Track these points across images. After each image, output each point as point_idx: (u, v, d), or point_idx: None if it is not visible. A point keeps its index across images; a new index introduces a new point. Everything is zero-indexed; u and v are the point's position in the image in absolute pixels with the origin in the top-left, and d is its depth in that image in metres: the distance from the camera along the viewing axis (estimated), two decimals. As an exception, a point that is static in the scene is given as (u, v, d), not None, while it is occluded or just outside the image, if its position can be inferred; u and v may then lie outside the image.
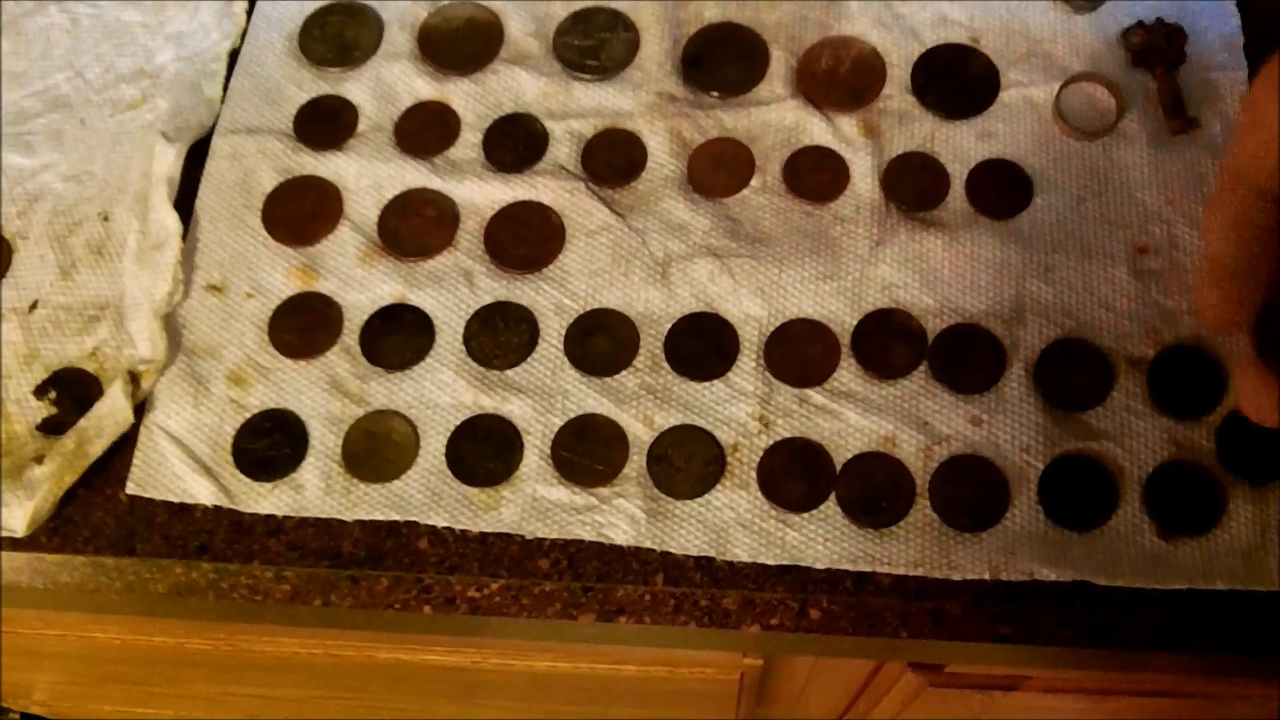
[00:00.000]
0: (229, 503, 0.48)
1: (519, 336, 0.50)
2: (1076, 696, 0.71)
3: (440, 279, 0.51)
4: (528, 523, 0.47)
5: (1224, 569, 0.45)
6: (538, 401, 0.49)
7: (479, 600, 0.47)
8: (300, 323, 0.50)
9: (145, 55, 0.56)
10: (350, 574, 0.47)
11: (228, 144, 0.54)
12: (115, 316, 0.50)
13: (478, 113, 0.54)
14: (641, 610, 0.47)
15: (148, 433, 0.49)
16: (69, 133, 0.54)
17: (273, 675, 0.82)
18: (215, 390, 0.49)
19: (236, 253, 0.52)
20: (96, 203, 0.53)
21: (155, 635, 0.71)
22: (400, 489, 0.48)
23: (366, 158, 0.53)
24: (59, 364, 0.50)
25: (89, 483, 0.49)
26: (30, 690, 0.96)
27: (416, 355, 0.50)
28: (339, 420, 0.49)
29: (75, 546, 0.48)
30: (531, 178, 0.52)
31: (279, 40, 0.56)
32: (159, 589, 0.48)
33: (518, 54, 0.55)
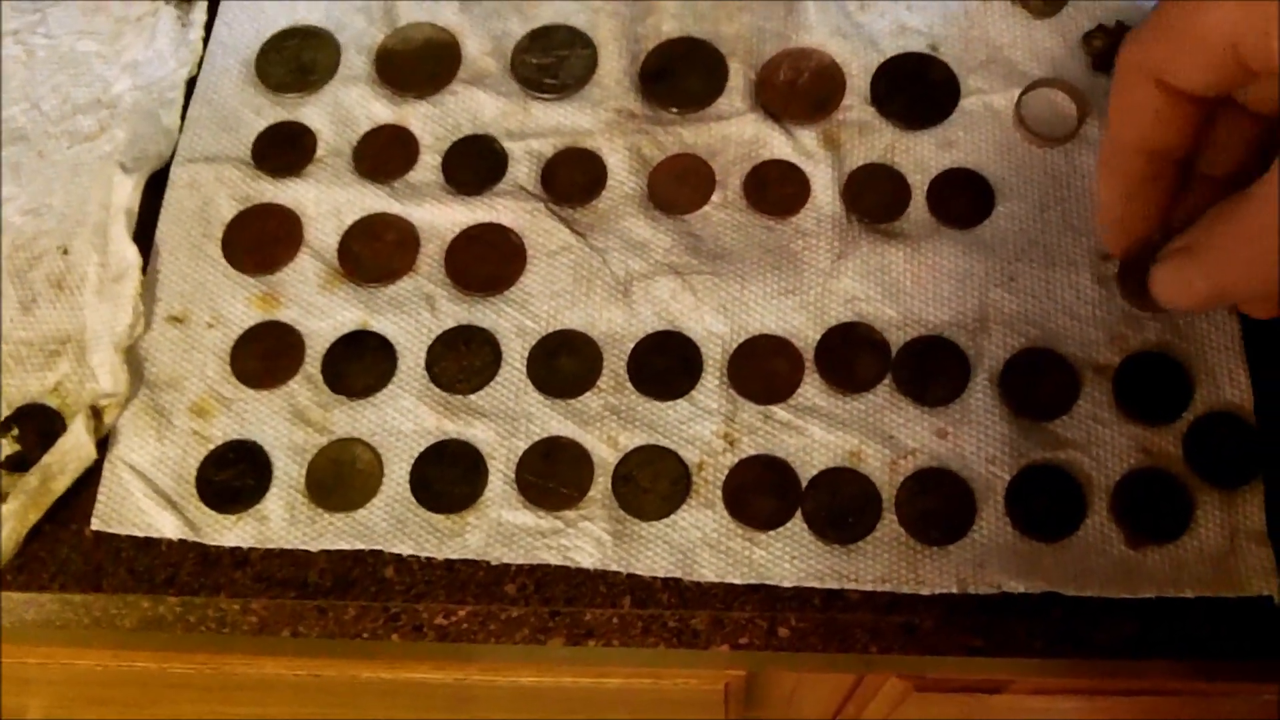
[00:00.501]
0: (194, 536, 0.48)
1: (482, 360, 0.50)
2: (1064, 697, 0.71)
3: (402, 304, 0.51)
4: (493, 548, 0.47)
5: (1194, 576, 0.45)
6: (501, 425, 0.48)
7: (447, 627, 0.47)
8: (262, 351, 0.50)
9: (102, 85, 0.55)
10: (317, 604, 0.47)
11: (186, 173, 0.53)
12: (77, 350, 0.50)
13: (436, 134, 0.54)
14: (610, 633, 0.47)
15: (111, 467, 0.49)
16: (27, 165, 0.54)
17: (262, 695, 0.82)
18: (178, 422, 0.49)
19: (197, 282, 0.52)
20: (56, 236, 0.52)
21: (136, 661, 0.71)
22: (365, 517, 0.47)
23: (326, 183, 0.53)
24: (21, 400, 0.50)
25: (54, 518, 0.48)
26: (23, 713, 0.96)
27: (379, 382, 0.49)
28: (302, 449, 0.49)
29: (41, 583, 0.48)
30: (491, 199, 0.52)
31: (236, 66, 0.56)
32: (126, 624, 0.48)
33: (476, 74, 0.55)
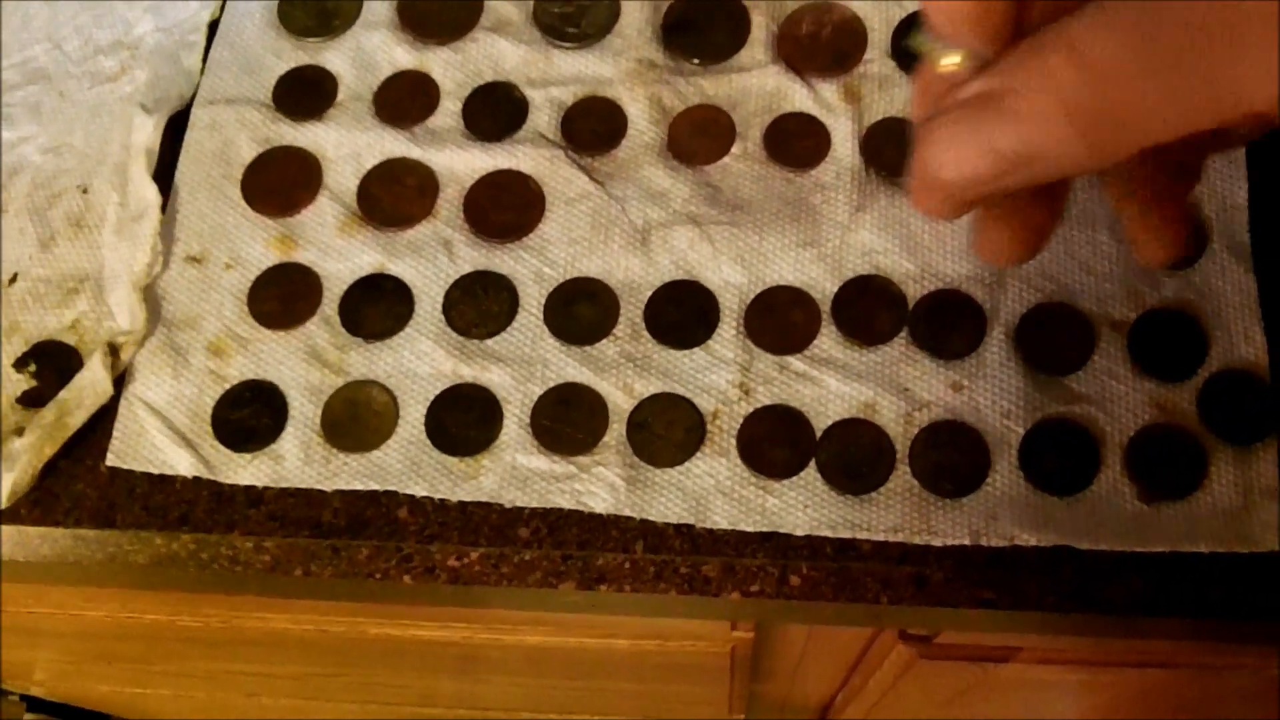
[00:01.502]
0: (209, 473, 0.48)
1: (499, 305, 0.50)
2: (1070, 668, 0.71)
3: (420, 248, 0.51)
4: (507, 491, 0.47)
5: (1207, 531, 0.45)
6: (517, 370, 0.48)
7: (459, 569, 0.47)
8: (280, 293, 0.50)
9: (124, 26, 0.55)
10: (330, 543, 0.47)
11: (207, 114, 0.53)
12: (95, 289, 0.50)
13: (457, 81, 0.54)
14: (622, 578, 0.47)
15: (127, 404, 0.49)
16: (48, 105, 0.54)
17: (270, 652, 0.82)
18: (195, 361, 0.49)
19: (216, 224, 0.52)
20: (76, 175, 0.52)
21: (146, 613, 0.72)
22: (380, 458, 0.48)
23: (346, 127, 0.53)
24: (39, 336, 0.50)
25: (69, 455, 0.49)
26: (30, 671, 0.97)
27: (396, 325, 0.50)
28: (318, 390, 0.49)
29: (56, 518, 0.48)
30: (511, 146, 0.52)
31: (258, 10, 0.56)
32: (140, 560, 0.48)
33: (498, 21, 0.55)
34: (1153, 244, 0.31)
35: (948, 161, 0.25)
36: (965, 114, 0.25)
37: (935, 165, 0.26)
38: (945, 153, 0.25)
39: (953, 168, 0.25)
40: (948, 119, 0.25)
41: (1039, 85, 0.24)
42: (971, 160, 0.25)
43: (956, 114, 0.25)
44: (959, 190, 0.26)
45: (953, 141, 0.25)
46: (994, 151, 0.25)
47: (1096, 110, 0.23)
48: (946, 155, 0.25)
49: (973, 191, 0.26)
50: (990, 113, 0.25)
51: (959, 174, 0.25)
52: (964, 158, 0.25)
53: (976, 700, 0.80)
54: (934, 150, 0.26)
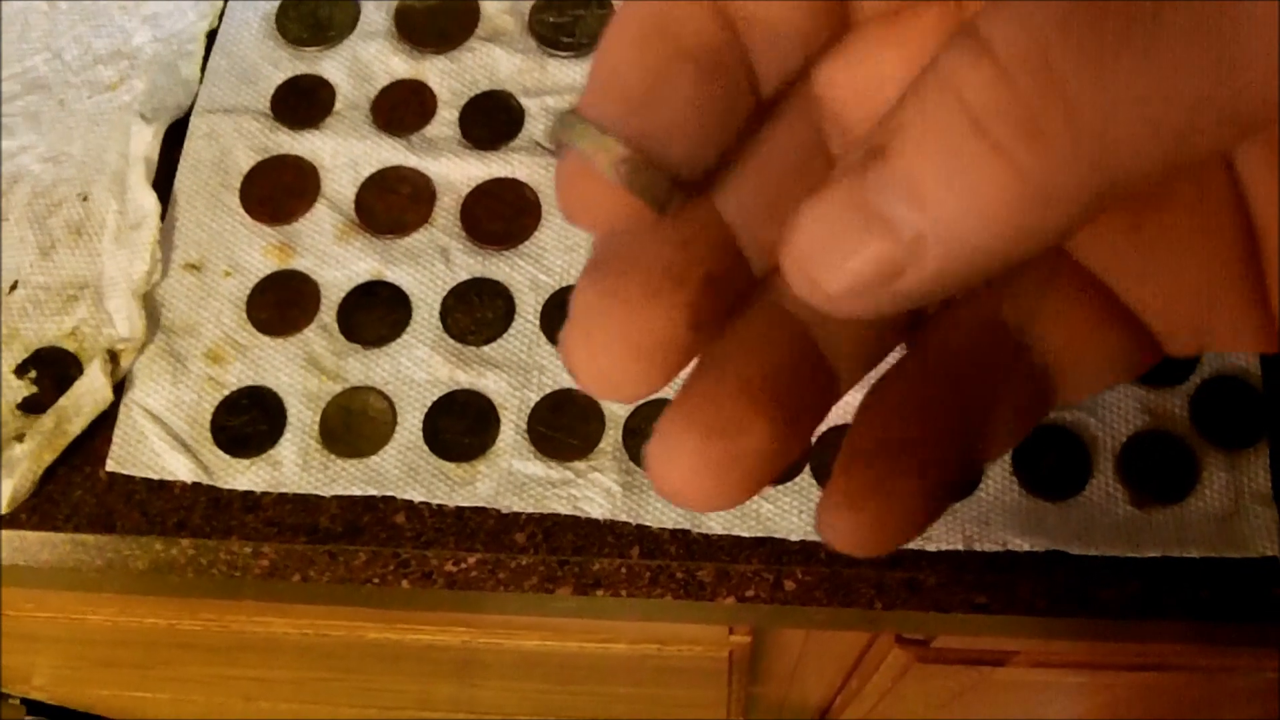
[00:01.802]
0: (207, 479, 0.48)
1: (495, 312, 0.50)
2: (1066, 671, 0.72)
3: (416, 255, 0.51)
4: (504, 497, 0.47)
5: (1199, 536, 0.45)
6: (514, 377, 0.49)
7: (456, 574, 0.47)
8: (277, 300, 0.51)
9: (123, 36, 0.56)
10: (328, 549, 0.48)
11: (205, 123, 0.54)
12: (94, 296, 0.51)
13: (454, 90, 0.54)
14: (618, 583, 0.47)
15: (127, 410, 0.49)
16: (47, 114, 0.54)
17: (267, 657, 0.83)
18: (193, 368, 0.50)
19: (214, 231, 0.52)
20: (75, 183, 0.53)
21: (145, 617, 0.72)
22: (377, 464, 0.48)
23: (343, 136, 0.53)
24: (38, 343, 0.50)
25: (68, 461, 0.49)
26: (29, 674, 0.97)
27: (393, 331, 0.50)
28: (316, 396, 0.49)
29: (55, 524, 0.48)
30: (507, 154, 0.52)
31: (255, 20, 0.56)
32: (138, 565, 0.48)
33: (493, 31, 0.55)
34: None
35: (829, 265, 0.16)
36: (843, 190, 0.16)
37: (809, 269, 0.16)
38: (822, 253, 0.16)
39: (834, 275, 0.16)
40: (822, 208, 0.16)
41: (942, 122, 0.15)
42: (855, 264, 0.16)
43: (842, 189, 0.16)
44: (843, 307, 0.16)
45: (829, 235, 0.16)
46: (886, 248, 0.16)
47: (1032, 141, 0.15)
48: (825, 257, 0.16)
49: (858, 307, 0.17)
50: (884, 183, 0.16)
51: (839, 284, 0.16)
52: (845, 258, 0.16)
53: (974, 703, 0.81)
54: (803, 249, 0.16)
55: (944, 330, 0.21)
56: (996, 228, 0.15)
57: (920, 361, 0.21)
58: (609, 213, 0.18)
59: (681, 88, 0.18)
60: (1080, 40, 0.15)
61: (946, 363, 0.20)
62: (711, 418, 0.19)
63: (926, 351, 0.21)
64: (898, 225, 0.15)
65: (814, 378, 0.20)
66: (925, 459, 0.20)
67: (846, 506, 0.19)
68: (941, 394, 0.20)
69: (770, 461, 0.19)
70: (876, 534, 0.19)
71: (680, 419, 0.19)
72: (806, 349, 0.20)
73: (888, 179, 0.15)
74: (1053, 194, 0.15)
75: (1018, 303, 0.20)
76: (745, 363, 0.19)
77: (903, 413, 0.20)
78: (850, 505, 0.19)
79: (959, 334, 0.21)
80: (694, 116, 0.18)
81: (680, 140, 0.18)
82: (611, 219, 0.18)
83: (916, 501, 0.19)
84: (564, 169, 0.18)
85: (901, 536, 0.19)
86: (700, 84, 0.18)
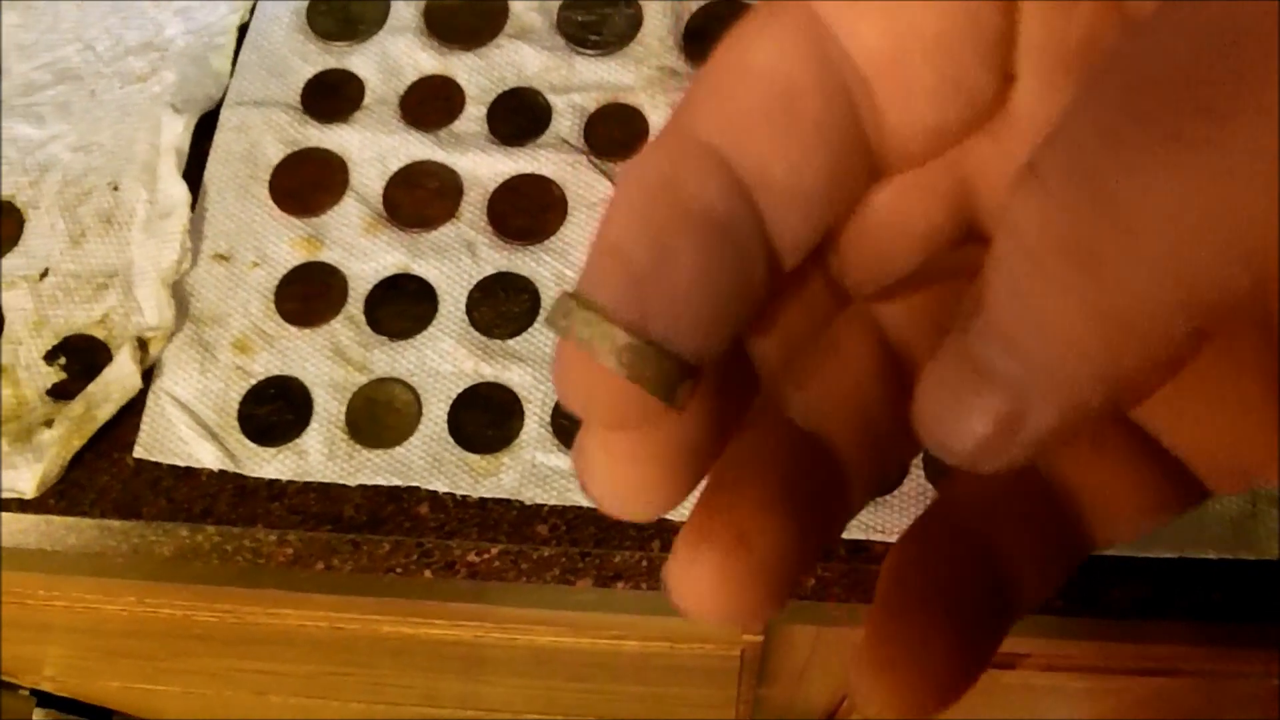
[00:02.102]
0: (233, 467, 0.49)
1: (520, 306, 0.50)
2: (1074, 675, 0.72)
3: (443, 249, 0.52)
4: (526, 489, 0.48)
5: (1213, 537, 0.46)
6: (538, 370, 0.49)
7: (478, 565, 0.48)
8: (305, 292, 0.51)
9: (154, 28, 0.56)
10: (351, 538, 0.48)
11: (235, 116, 0.54)
12: (124, 284, 0.51)
13: (481, 86, 0.55)
14: (638, 576, 0.48)
15: (155, 398, 0.50)
16: (78, 104, 0.55)
17: (278, 650, 0.83)
18: (221, 357, 0.50)
19: (243, 223, 0.53)
20: (105, 173, 0.53)
21: (162, 608, 0.72)
22: (401, 455, 0.48)
23: (371, 130, 0.54)
24: (68, 330, 0.51)
25: (96, 447, 0.49)
26: (40, 665, 0.97)
27: (419, 324, 0.50)
28: (342, 387, 0.50)
29: (82, 509, 0.49)
30: (534, 150, 0.53)
31: (286, 14, 0.57)
32: (164, 552, 0.49)
33: (521, 29, 0.56)
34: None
35: (952, 426, 0.16)
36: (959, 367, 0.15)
37: (936, 433, 0.16)
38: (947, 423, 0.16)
39: (959, 436, 0.15)
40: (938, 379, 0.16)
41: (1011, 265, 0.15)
42: (974, 423, 0.15)
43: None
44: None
45: (947, 396, 0.16)
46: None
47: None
48: (946, 418, 0.16)
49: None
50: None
51: (966, 444, 0.15)
52: (964, 418, 0.15)
53: (982, 707, 0.81)
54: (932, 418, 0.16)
55: (976, 478, 0.20)
56: (1093, 367, 0.14)
57: (952, 510, 0.20)
58: (613, 407, 0.17)
59: (690, 263, 0.16)
60: (1125, 147, 0.13)
61: (981, 513, 0.20)
62: (731, 532, 0.18)
63: (959, 501, 0.20)
64: (1004, 378, 0.15)
65: (829, 488, 0.19)
66: (965, 619, 0.19)
67: (883, 673, 0.18)
68: (978, 549, 0.19)
69: (791, 573, 0.18)
70: (919, 701, 0.18)
71: (699, 535, 0.18)
72: (820, 459, 0.19)
73: (987, 332, 0.15)
74: (1133, 322, 0.14)
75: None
76: (764, 472, 0.19)
77: (934, 569, 0.19)
78: (886, 672, 0.18)
79: (991, 481, 0.20)
80: (703, 293, 0.16)
81: (690, 322, 0.16)
82: (616, 413, 0.17)
83: (959, 665, 0.18)
84: (563, 357, 0.17)
85: (944, 703, 0.18)
86: (712, 258, 0.16)
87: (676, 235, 0.16)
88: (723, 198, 0.16)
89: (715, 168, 0.16)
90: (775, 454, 0.19)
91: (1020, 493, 0.19)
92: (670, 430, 0.18)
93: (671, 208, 0.16)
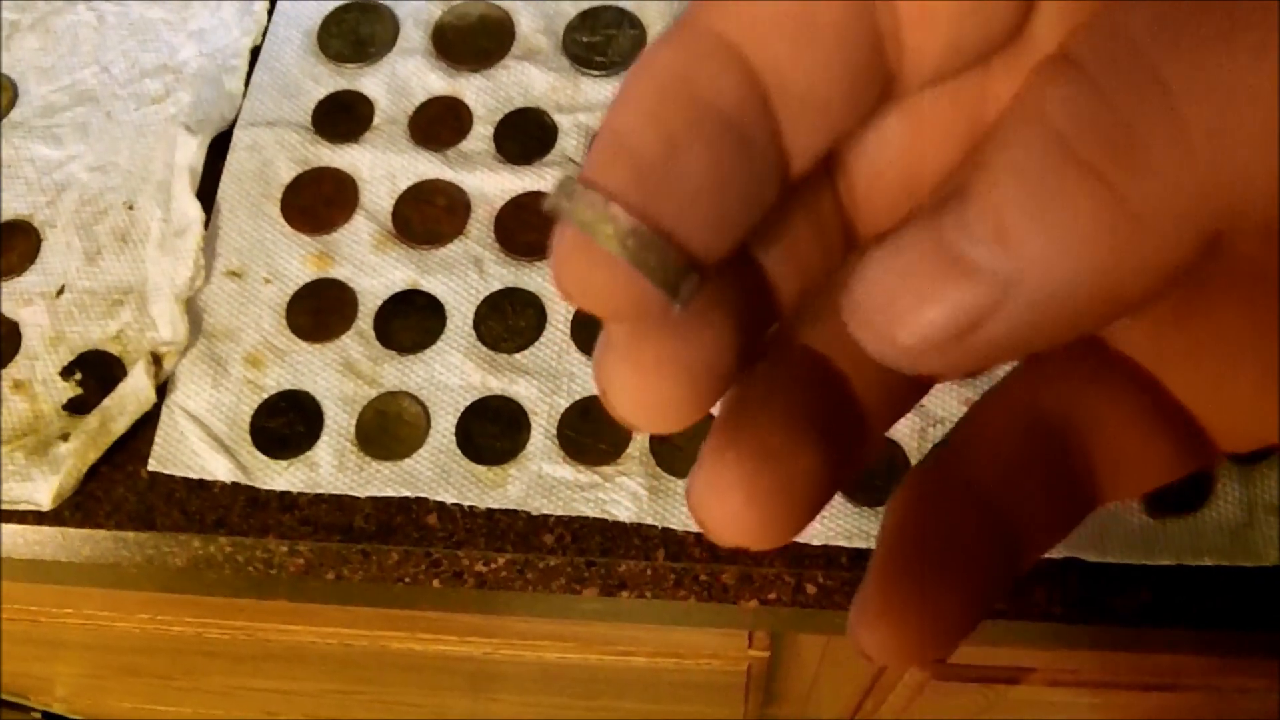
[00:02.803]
0: (246, 479, 0.49)
1: (527, 321, 0.51)
2: (1079, 691, 0.72)
3: (451, 265, 0.53)
4: (533, 499, 0.48)
5: (1212, 545, 0.46)
6: (544, 383, 0.50)
7: (486, 574, 0.49)
8: (316, 307, 0.52)
9: (169, 51, 0.58)
10: (361, 548, 0.49)
11: (248, 136, 0.56)
12: (138, 300, 0.52)
13: (489, 107, 0.56)
14: (643, 585, 0.48)
15: (169, 412, 0.51)
16: (95, 125, 0.56)
17: (289, 668, 0.84)
18: (234, 371, 0.51)
19: (255, 240, 0.54)
20: (121, 192, 0.55)
21: (173, 624, 0.73)
22: (410, 467, 0.49)
23: (381, 149, 0.55)
24: (84, 346, 0.52)
25: (111, 460, 0.50)
26: (51, 685, 0.98)
27: (427, 338, 0.51)
28: (352, 400, 0.50)
29: (97, 520, 0.50)
30: (540, 168, 0.54)
31: (298, 37, 0.58)
32: (177, 562, 0.50)
33: (528, 50, 0.57)
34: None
35: (903, 316, 0.15)
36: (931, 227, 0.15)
37: (881, 321, 0.15)
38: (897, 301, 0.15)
39: (909, 327, 0.15)
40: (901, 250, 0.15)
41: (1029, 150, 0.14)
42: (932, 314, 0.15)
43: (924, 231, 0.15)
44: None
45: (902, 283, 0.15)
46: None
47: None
48: (898, 307, 0.15)
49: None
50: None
51: (914, 337, 0.15)
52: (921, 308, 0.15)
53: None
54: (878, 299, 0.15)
55: (981, 425, 0.20)
56: (1090, 266, 0.14)
57: (958, 458, 0.20)
58: (613, 296, 0.16)
59: (701, 157, 0.15)
60: (1178, 31, 0.13)
61: (986, 462, 0.19)
62: (758, 447, 0.18)
63: (964, 449, 0.20)
64: (980, 269, 0.14)
65: (846, 421, 0.19)
66: (968, 569, 0.19)
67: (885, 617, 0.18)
68: (982, 498, 0.19)
69: (817, 494, 0.18)
70: (918, 648, 0.18)
71: (727, 445, 0.18)
72: (842, 390, 0.19)
73: (970, 219, 0.14)
74: (1154, 225, 0.13)
75: (1060, 396, 0.19)
76: (786, 395, 0.19)
77: (942, 516, 0.19)
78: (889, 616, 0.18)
79: (998, 430, 0.20)
80: (713, 188, 0.16)
81: (697, 216, 0.16)
82: (615, 304, 0.16)
83: (959, 613, 0.18)
84: (563, 243, 0.16)
85: (942, 650, 0.18)
86: (723, 154, 0.16)
87: (688, 128, 0.15)
88: (737, 95, 0.16)
89: (731, 64, 0.16)
90: (795, 379, 0.19)
91: (1028, 443, 0.19)
92: (690, 341, 0.17)
93: (684, 101, 0.16)
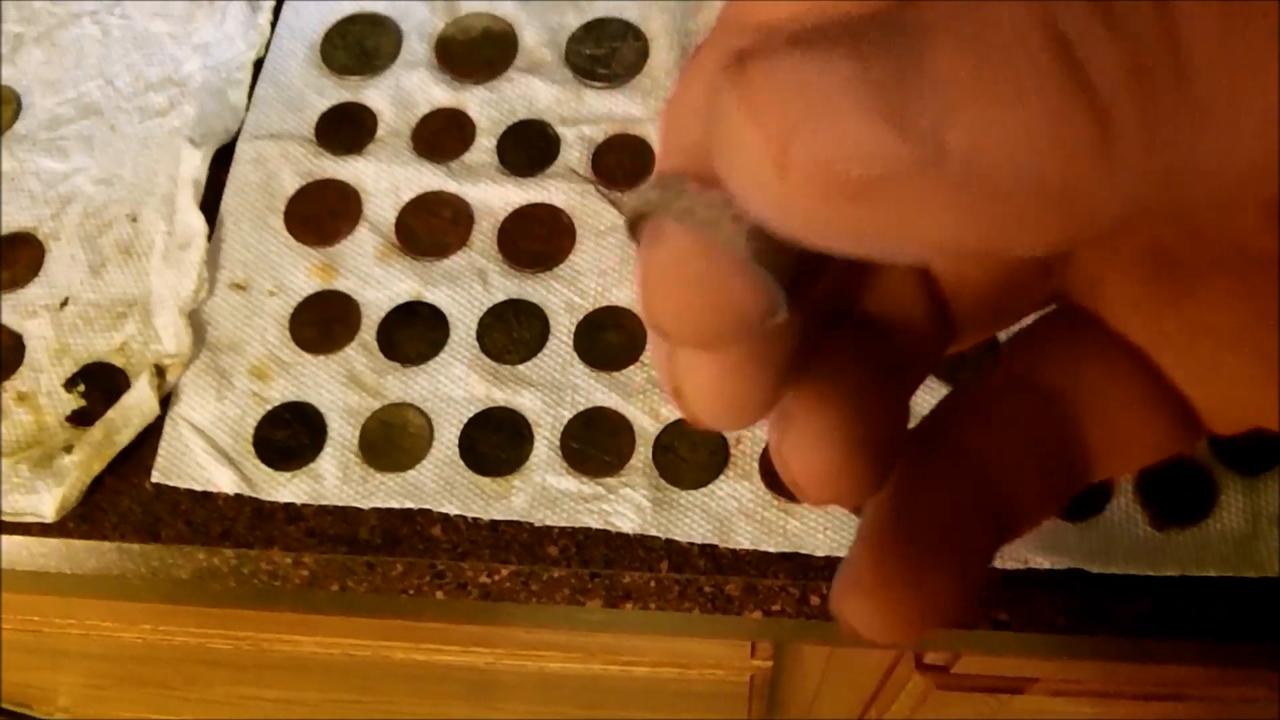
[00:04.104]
0: (250, 491, 0.49)
1: (530, 332, 0.51)
2: (1083, 701, 0.72)
3: (455, 277, 0.53)
4: (537, 511, 0.48)
5: (1216, 556, 0.46)
6: (548, 395, 0.50)
7: (490, 586, 0.49)
8: (320, 319, 0.52)
9: (173, 64, 0.58)
10: (366, 560, 0.49)
11: (252, 148, 0.56)
12: (143, 313, 0.52)
13: (492, 119, 0.56)
14: (647, 596, 0.48)
15: (173, 424, 0.51)
16: (99, 138, 0.56)
17: (291, 677, 0.84)
18: (238, 383, 0.51)
19: (259, 252, 0.54)
20: (125, 204, 0.55)
21: (177, 634, 0.73)
22: (415, 478, 0.49)
23: (385, 161, 0.55)
24: (88, 358, 0.52)
25: (116, 471, 0.50)
26: (54, 695, 0.98)
27: (431, 350, 0.51)
28: (356, 412, 0.51)
29: (102, 532, 0.50)
30: (544, 180, 0.54)
31: (302, 49, 0.58)
32: (182, 574, 0.50)
33: (531, 63, 0.57)
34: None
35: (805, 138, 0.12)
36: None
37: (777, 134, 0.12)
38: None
39: (807, 153, 0.12)
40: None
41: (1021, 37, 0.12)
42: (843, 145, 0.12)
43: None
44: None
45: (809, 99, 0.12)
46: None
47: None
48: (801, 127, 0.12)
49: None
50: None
51: (807, 170, 0.12)
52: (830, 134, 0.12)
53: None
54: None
55: (975, 398, 0.20)
56: (1032, 173, 0.12)
57: (950, 428, 0.20)
58: (730, 303, 0.14)
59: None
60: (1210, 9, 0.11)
61: (978, 433, 0.20)
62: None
63: (957, 419, 0.20)
64: (913, 117, 0.12)
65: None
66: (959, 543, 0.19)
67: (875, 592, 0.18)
68: (974, 468, 0.19)
69: (889, 451, 0.19)
70: (908, 622, 0.18)
71: (813, 410, 0.18)
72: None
73: (920, 66, 0.12)
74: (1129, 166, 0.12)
75: (1055, 373, 0.19)
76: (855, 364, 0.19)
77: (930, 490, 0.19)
78: (879, 591, 0.18)
79: (992, 402, 0.20)
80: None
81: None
82: (728, 312, 0.15)
83: (950, 588, 0.18)
84: (655, 257, 0.14)
85: (932, 625, 0.18)
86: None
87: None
88: None
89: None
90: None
91: (1021, 416, 0.19)
92: (774, 337, 0.16)
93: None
